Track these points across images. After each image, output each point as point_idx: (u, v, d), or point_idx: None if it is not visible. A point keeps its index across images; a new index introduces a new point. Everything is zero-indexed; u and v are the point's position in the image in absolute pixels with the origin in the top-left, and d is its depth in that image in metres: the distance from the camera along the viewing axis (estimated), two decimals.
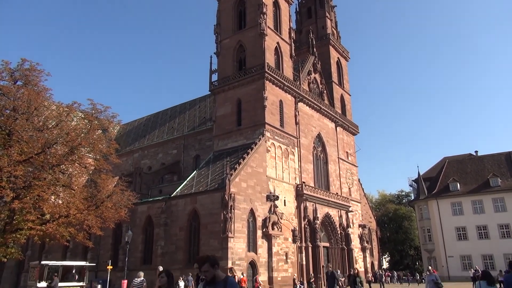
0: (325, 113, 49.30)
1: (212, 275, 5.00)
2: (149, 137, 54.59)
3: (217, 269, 5.03)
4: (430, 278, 14.27)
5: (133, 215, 35.17)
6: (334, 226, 44.23)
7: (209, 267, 4.98)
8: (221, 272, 5.06)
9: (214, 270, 5.01)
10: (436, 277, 14.20)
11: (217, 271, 5.02)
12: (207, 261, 5.05)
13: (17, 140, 20.80)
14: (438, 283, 13.94)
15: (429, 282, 14.27)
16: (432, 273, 14.61)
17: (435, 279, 14.06)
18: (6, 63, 22.41)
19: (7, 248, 21.11)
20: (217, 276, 5.01)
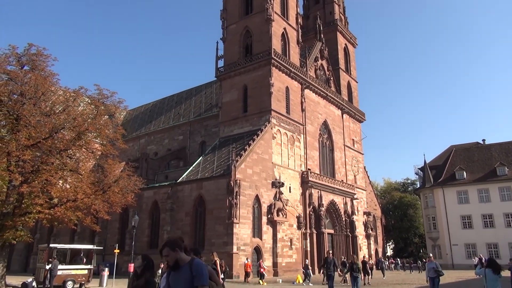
0: (331, 100, 49.01)
1: (174, 260, 4.35)
2: (155, 123, 54.75)
3: (179, 252, 4.37)
4: (431, 266, 13.98)
5: (140, 200, 35.52)
6: (339, 213, 44.41)
7: (169, 251, 4.33)
8: (185, 255, 4.43)
9: (176, 254, 4.35)
10: (436, 264, 13.94)
11: (180, 254, 4.37)
12: (166, 245, 4.39)
13: (24, 124, 20.95)
14: (439, 271, 13.72)
15: (429, 269, 13.98)
16: (432, 260, 14.32)
17: (435, 266, 13.80)
18: (13, 47, 22.42)
19: (17, 231, 21.47)
20: (181, 259, 4.37)
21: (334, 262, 15.49)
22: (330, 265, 15.20)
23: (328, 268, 15.25)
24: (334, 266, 15.26)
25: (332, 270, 15.13)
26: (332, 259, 15.68)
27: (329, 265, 15.22)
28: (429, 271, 13.96)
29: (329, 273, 15.17)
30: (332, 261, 15.35)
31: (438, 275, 13.65)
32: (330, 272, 15.12)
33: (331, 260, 15.46)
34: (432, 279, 13.78)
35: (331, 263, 15.27)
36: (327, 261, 15.66)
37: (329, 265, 15.22)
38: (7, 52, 22.11)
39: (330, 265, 15.20)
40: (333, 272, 15.16)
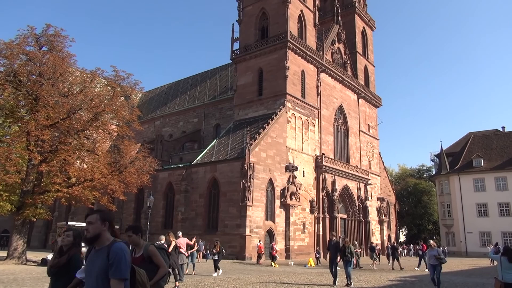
0: (347, 85, 48.38)
1: (95, 233, 3.34)
2: (170, 105, 55.04)
3: (105, 227, 3.37)
4: (432, 253, 13.03)
5: (155, 181, 36.03)
6: (352, 198, 44.35)
7: (97, 219, 3.38)
8: (110, 235, 3.42)
9: (99, 227, 3.37)
10: (438, 251, 13.13)
11: (105, 229, 3.37)
12: (95, 212, 3.50)
13: (43, 105, 21.33)
14: (441, 258, 12.88)
15: (431, 257, 13.06)
16: (433, 247, 13.28)
17: (437, 254, 12.91)
18: (32, 28, 22.66)
19: (36, 209, 22.10)
20: (103, 238, 3.37)
21: (337, 245, 14.47)
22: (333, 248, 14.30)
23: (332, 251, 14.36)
24: (337, 250, 14.25)
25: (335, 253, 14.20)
26: (336, 241, 14.70)
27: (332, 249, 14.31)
28: (430, 258, 13.21)
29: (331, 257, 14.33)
30: (335, 244, 14.41)
31: (440, 262, 12.92)
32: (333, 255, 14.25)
33: (335, 243, 14.50)
34: (433, 267, 13.09)
35: (333, 247, 14.35)
36: (330, 244, 14.69)
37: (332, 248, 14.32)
38: (25, 33, 22.39)
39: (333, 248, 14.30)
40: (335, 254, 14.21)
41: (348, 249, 14.29)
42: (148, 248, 4.55)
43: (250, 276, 17.39)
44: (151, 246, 4.58)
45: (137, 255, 4.59)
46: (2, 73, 21.87)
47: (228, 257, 30.73)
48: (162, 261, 4.55)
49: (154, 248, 4.60)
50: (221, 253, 17.84)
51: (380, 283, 15.94)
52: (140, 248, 4.62)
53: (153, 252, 4.53)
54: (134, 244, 4.65)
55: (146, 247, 4.58)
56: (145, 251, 4.53)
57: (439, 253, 13.04)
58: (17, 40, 22.00)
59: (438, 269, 12.97)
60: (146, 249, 4.54)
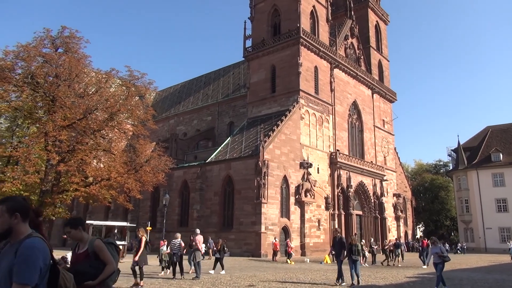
0: (361, 80, 47.92)
1: (5, 227, 2.79)
2: (184, 104, 55.39)
3: (16, 219, 2.79)
4: (434, 251, 12.24)
5: (170, 180, 36.32)
6: (368, 195, 43.99)
7: (3, 211, 2.78)
8: (27, 227, 2.88)
9: (9, 220, 2.79)
10: (441, 249, 12.28)
11: (17, 222, 2.80)
12: (2, 202, 2.86)
13: (60, 106, 21.68)
14: (444, 256, 12.03)
15: (433, 255, 12.26)
16: (436, 244, 12.44)
17: (439, 251, 12.09)
18: (48, 30, 23.02)
19: (55, 208, 22.55)
20: (16, 231, 2.81)
21: (341, 242, 13.59)
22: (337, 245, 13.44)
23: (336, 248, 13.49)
24: (342, 246, 13.40)
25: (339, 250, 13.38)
26: (340, 238, 13.78)
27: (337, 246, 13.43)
28: (432, 256, 12.40)
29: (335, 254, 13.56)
30: (339, 241, 13.56)
31: (443, 260, 12.06)
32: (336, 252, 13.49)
33: (339, 239, 13.63)
34: (435, 265, 12.28)
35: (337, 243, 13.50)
36: (335, 241, 13.76)
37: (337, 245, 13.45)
38: (42, 35, 22.76)
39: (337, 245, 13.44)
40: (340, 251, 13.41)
41: (356, 247, 13.22)
42: (94, 243, 4.09)
43: (266, 273, 17.42)
44: (97, 241, 4.13)
45: (81, 251, 4.15)
46: (20, 75, 22.31)
47: (244, 254, 30.90)
48: (109, 257, 4.07)
49: (101, 242, 4.13)
50: (223, 251, 17.53)
51: (397, 279, 15.78)
52: (84, 243, 4.16)
53: (99, 247, 4.06)
54: (76, 239, 4.22)
55: (91, 242, 4.12)
56: (90, 246, 4.08)
57: (442, 250, 12.24)
58: (33, 43, 22.40)
59: (440, 267, 12.13)
60: (91, 244, 4.09)
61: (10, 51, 21.72)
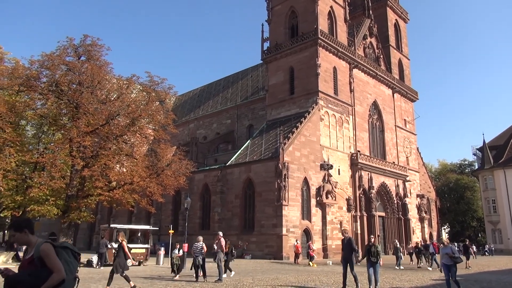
0: (381, 79, 47.31)
1: None
2: (203, 108, 55.86)
3: None
4: (445, 251, 11.48)
5: (191, 183, 36.65)
6: (390, 196, 43.29)
7: None
8: None
9: None
10: (452, 249, 11.45)
11: None
12: None
13: (83, 112, 22.26)
14: (456, 257, 11.21)
15: (443, 256, 11.52)
16: (447, 245, 11.75)
17: (450, 252, 11.29)
18: (71, 39, 23.71)
19: (80, 212, 23.10)
20: None
21: (351, 243, 12.35)
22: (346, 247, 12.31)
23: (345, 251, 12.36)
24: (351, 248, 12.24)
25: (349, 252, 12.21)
26: (349, 239, 12.54)
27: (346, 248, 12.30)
28: (443, 257, 11.54)
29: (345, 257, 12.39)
30: (348, 243, 12.33)
31: (455, 262, 11.26)
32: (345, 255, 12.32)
33: (347, 241, 12.39)
34: (447, 267, 11.42)
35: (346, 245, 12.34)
36: (343, 242, 12.62)
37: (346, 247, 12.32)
38: (65, 44, 23.48)
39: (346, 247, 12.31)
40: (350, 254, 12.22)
41: (375, 248, 12.02)
42: (40, 247, 3.58)
43: (288, 275, 17.34)
44: (44, 245, 3.59)
45: (27, 256, 3.69)
46: (45, 83, 23.04)
47: (265, 257, 30.85)
48: (57, 264, 3.52)
49: (48, 246, 3.58)
50: (231, 254, 17.09)
51: (423, 282, 15.46)
52: (31, 247, 3.68)
53: (45, 252, 3.54)
54: (22, 244, 3.80)
55: (37, 246, 3.61)
56: (36, 251, 3.58)
57: (453, 250, 11.40)
58: (57, 52, 23.09)
59: (454, 270, 11.28)
60: (37, 249, 3.58)
61: (35, 60, 22.47)
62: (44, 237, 55.25)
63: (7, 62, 26.70)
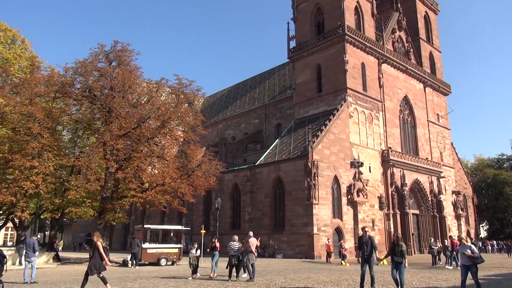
0: (412, 74, 46.13)
1: None
2: (231, 108, 56.26)
3: None
4: (463, 250, 10.32)
5: (221, 183, 36.99)
6: (424, 193, 42.14)
7: None
8: None
9: None
10: (471, 248, 10.21)
11: None
12: None
13: (116, 116, 22.90)
14: (475, 258, 10.07)
15: (462, 255, 10.40)
16: (466, 243, 10.46)
17: (470, 251, 10.12)
18: (102, 46, 24.48)
19: (115, 213, 23.79)
20: None
21: (372, 241, 11.47)
22: (366, 245, 11.41)
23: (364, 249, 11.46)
24: (371, 247, 11.31)
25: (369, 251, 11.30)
26: (369, 237, 11.64)
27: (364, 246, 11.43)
28: (461, 257, 10.44)
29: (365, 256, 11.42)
30: (368, 241, 11.44)
31: (475, 262, 10.14)
32: (366, 254, 11.37)
33: (367, 239, 11.52)
34: (466, 268, 10.31)
35: (367, 243, 11.42)
36: (361, 241, 11.70)
37: (365, 245, 11.42)
38: (97, 51, 24.26)
39: (366, 245, 11.41)
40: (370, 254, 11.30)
41: (399, 248, 10.79)
42: None
43: (320, 275, 17.19)
44: None
45: None
46: (79, 89, 23.89)
47: (297, 256, 30.73)
48: None
49: None
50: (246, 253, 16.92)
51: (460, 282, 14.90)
52: None
53: None
54: None
55: None
56: None
57: (472, 250, 10.20)
58: (90, 58, 23.89)
59: (474, 271, 10.19)
60: None
61: (69, 67, 23.33)
62: (81, 238, 57.39)
63: (43, 70, 27.84)
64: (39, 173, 20.67)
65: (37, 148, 20.91)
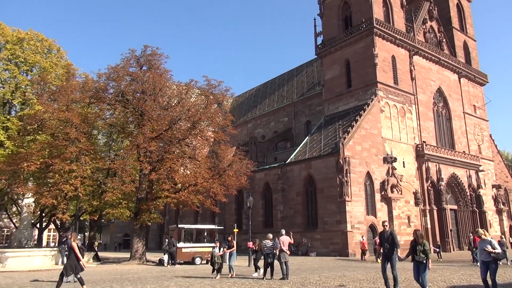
0: (445, 64, 44.61)
1: None
2: (260, 107, 56.34)
3: None
4: (483, 246, 9.48)
5: (252, 182, 37.14)
6: (462, 187, 40.67)
7: None
8: None
9: None
10: (492, 243, 9.37)
11: None
12: None
13: (148, 119, 23.44)
14: (498, 253, 9.25)
15: (481, 251, 9.53)
16: (485, 238, 9.59)
17: (490, 246, 9.28)
18: (133, 51, 25.10)
19: (150, 214, 24.35)
20: None
21: (393, 237, 10.54)
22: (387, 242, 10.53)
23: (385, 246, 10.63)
24: (392, 244, 10.45)
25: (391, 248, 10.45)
26: (391, 232, 10.70)
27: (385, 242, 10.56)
28: (481, 252, 9.57)
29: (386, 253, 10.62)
30: (390, 237, 10.53)
31: (495, 259, 9.34)
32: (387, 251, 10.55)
33: (389, 235, 10.59)
34: (485, 264, 9.49)
35: (388, 240, 10.52)
36: (382, 237, 10.86)
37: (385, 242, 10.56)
38: (128, 56, 24.91)
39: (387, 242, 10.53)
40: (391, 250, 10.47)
41: (422, 247, 9.62)
42: None
43: (355, 273, 16.95)
44: None
45: None
46: (112, 94, 24.61)
47: (331, 254, 30.44)
48: None
49: None
50: (260, 252, 16.83)
51: (504, 279, 14.32)
52: None
53: None
54: None
55: None
56: None
57: (493, 245, 9.37)
58: (121, 63, 24.57)
59: (493, 268, 9.40)
60: None
61: (102, 73, 24.08)
62: (119, 238, 59.22)
63: (78, 77, 28.88)
64: (78, 176, 21.47)
65: (75, 152, 21.73)
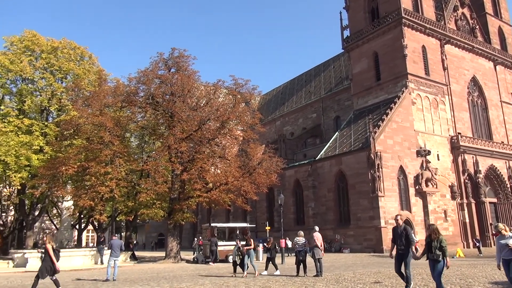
0: (479, 52, 42.88)
1: None
2: (288, 104, 56.14)
3: None
4: (503, 242, 8.47)
5: (282, 180, 36.98)
6: (502, 180, 39.02)
7: None
8: None
9: None
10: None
11: None
12: None
13: (178, 120, 23.90)
14: None
15: (501, 247, 8.48)
16: (505, 233, 8.54)
17: (509, 242, 8.32)
18: (161, 54, 25.65)
19: (183, 213, 24.82)
20: None
21: (407, 233, 9.66)
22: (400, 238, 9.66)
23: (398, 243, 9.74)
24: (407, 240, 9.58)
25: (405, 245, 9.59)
26: (405, 227, 9.78)
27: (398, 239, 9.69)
28: (501, 249, 8.53)
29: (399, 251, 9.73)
30: (403, 232, 9.67)
31: None
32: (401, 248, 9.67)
33: (402, 230, 9.70)
34: (506, 262, 8.46)
35: (401, 236, 9.65)
36: (395, 232, 9.88)
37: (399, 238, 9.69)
38: (156, 59, 25.46)
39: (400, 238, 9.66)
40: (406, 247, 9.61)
41: (437, 243, 8.51)
42: None
43: (391, 269, 16.57)
44: None
45: None
46: (142, 97, 25.24)
47: (365, 250, 30.00)
48: None
49: None
50: (275, 250, 16.28)
51: None
52: None
53: None
54: None
55: None
56: None
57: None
58: (150, 67, 25.14)
59: None
60: None
61: (133, 77, 24.74)
62: (153, 237, 60.65)
63: (110, 82, 29.76)
64: (113, 178, 22.15)
65: (109, 155, 22.43)
